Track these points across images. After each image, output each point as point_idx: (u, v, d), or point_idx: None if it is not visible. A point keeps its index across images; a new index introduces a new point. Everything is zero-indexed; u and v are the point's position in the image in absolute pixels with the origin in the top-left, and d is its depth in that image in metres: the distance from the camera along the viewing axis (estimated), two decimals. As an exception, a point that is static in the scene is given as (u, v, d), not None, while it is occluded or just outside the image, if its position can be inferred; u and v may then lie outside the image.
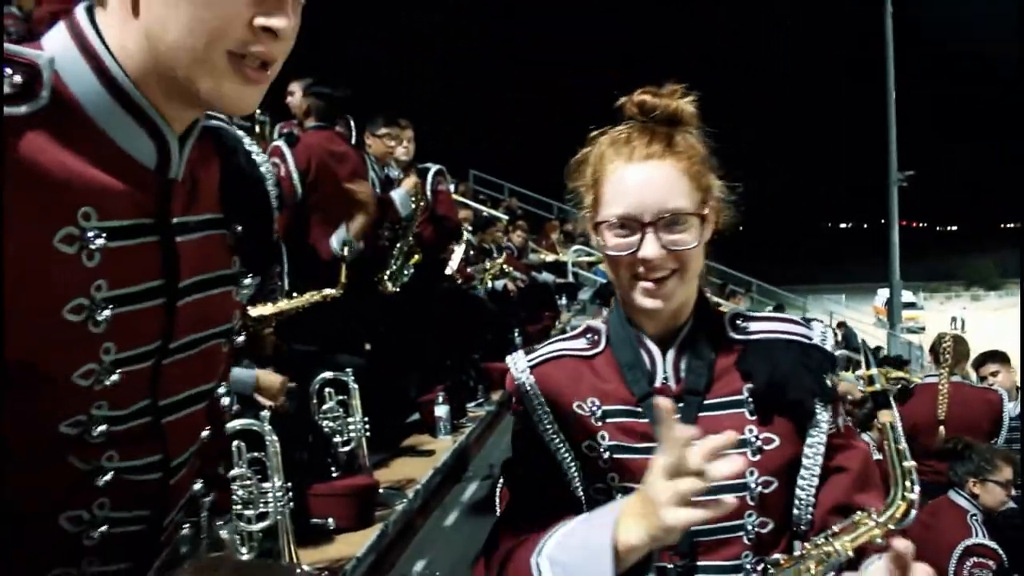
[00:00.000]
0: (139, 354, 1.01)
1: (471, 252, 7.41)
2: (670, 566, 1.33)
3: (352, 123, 5.00)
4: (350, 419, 3.61)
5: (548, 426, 1.41)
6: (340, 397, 3.62)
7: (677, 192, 1.30)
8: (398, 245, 4.77)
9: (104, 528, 1.03)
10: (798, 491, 1.35)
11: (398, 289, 4.73)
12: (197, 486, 1.23)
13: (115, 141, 0.96)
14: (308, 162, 4.25)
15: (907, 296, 24.37)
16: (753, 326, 1.41)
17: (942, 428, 4.69)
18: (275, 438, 2.68)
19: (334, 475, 3.51)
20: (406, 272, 4.77)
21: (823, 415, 1.35)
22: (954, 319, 19.81)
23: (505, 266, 8.24)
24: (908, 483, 1.22)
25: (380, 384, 4.39)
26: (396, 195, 4.79)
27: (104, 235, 0.94)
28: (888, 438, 1.23)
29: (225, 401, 1.28)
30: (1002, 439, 4.68)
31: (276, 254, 3.45)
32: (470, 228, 7.98)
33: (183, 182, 1.03)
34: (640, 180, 1.31)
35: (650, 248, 1.28)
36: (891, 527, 1.21)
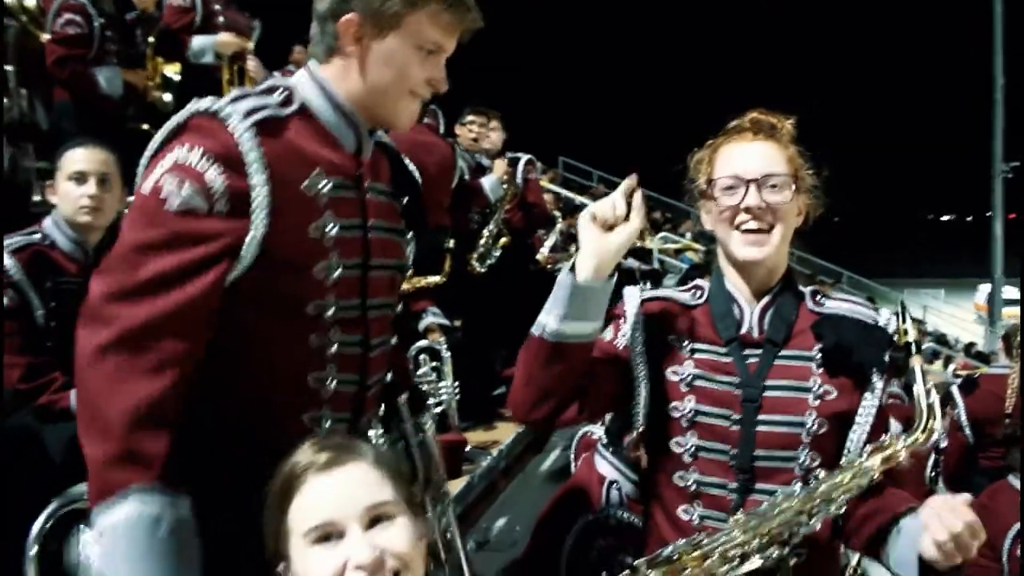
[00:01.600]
0: (353, 263, 1.57)
1: (559, 238, 7.74)
2: (733, 484, 1.64)
3: (440, 114, 5.37)
4: (442, 383, 4.02)
5: (641, 346, 1.73)
6: (434, 363, 4.03)
7: (775, 162, 1.67)
8: (488, 227, 5.15)
9: (334, 385, 1.57)
10: (849, 442, 1.64)
11: (485, 270, 5.10)
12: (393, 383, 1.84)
13: (334, 134, 1.59)
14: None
15: (1011, 292, 23.28)
16: (830, 302, 1.73)
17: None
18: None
19: (426, 431, 3.92)
20: (494, 254, 5.15)
21: (878, 383, 1.65)
22: (1048, 315, 18.95)
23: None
24: (931, 415, 1.52)
25: (469, 358, 4.77)
26: (486, 181, 5.15)
27: (329, 185, 1.53)
28: (916, 377, 1.53)
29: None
30: None
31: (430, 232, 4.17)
32: (559, 214, 8.29)
33: (370, 163, 1.65)
34: (746, 152, 1.68)
35: (752, 199, 1.64)
36: (915, 448, 1.51)
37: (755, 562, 1.54)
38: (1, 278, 2.58)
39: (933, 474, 5.59)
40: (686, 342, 1.70)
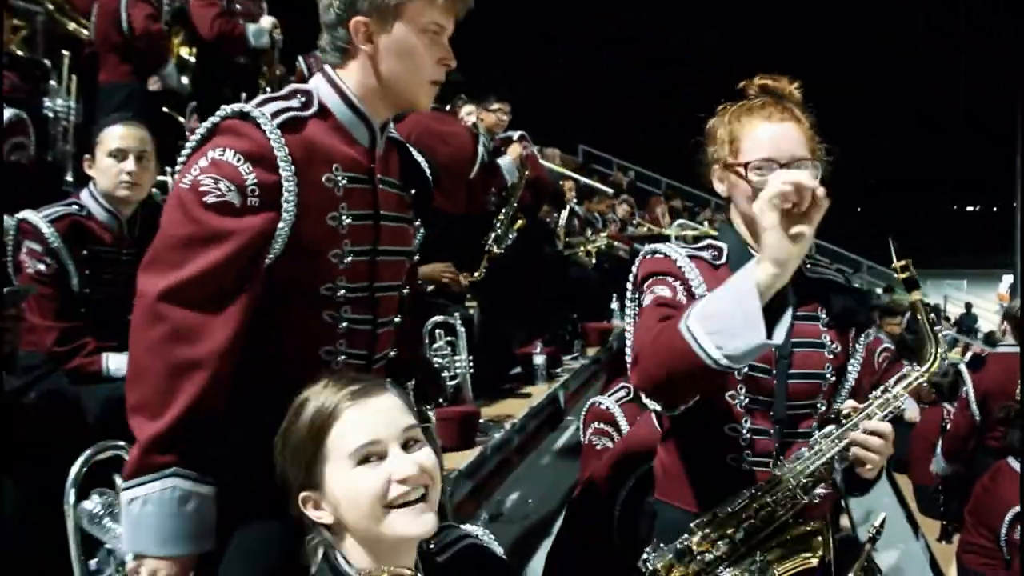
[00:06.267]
0: (363, 250, 1.73)
1: (575, 221, 7.83)
2: (773, 431, 1.81)
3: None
4: (457, 357, 4.14)
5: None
6: (449, 338, 4.16)
7: (801, 145, 1.80)
8: (504, 210, 5.27)
9: (343, 359, 1.72)
10: (841, 388, 1.87)
11: (502, 251, 5.21)
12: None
13: (349, 130, 1.75)
14: (408, 135, 4.75)
15: (1034, 282, 22.90)
16: (815, 267, 1.92)
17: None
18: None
19: (441, 404, 4.05)
20: (510, 236, 5.26)
21: (862, 338, 1.88)
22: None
23: (610, 240, 8.53)
24: (939, 344, 1.77)
25: (487, 338, 4.89)
26: (503, 163, 5.27)
27: (345, 179, 1.70)
28: (921, 312, 1.76)
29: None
30: None
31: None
32: (575, 199, 8.35)
33: (382, 156, 1.81)
34: (778, 134, 1.80)
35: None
36: (930, 374, 1.75)
37: (802, 502, 1.76)
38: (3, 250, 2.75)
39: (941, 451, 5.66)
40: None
